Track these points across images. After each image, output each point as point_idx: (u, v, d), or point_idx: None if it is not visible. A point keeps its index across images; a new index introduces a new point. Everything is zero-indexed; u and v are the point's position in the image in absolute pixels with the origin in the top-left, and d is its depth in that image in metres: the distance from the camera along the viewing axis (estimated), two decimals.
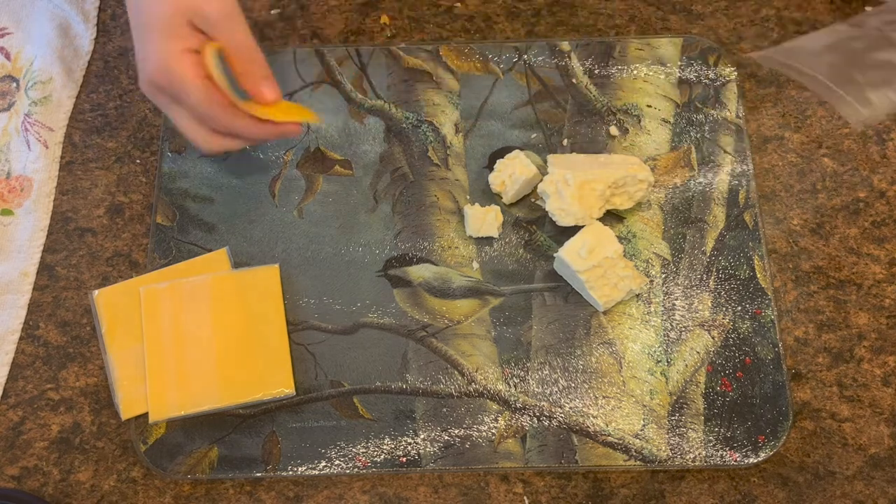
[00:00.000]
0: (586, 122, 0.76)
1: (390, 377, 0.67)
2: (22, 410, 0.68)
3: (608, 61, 0.78)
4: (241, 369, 0.66)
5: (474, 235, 0.71)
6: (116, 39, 0.81)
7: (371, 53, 0.78)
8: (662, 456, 0.64)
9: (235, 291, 0.69)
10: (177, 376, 0.66)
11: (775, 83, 0.77)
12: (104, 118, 0.78)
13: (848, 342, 0.68)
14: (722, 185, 0.73)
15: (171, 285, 0.69)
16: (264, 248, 0.72)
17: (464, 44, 0.79)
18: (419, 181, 0.74)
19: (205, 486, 0.65)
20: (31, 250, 0.73)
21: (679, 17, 0.80)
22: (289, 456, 0.65)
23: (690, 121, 0.75)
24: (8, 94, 0.79)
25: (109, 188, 0.75)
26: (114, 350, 0.68)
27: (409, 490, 0.65)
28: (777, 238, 0.72)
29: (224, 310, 0.68)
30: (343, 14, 0.81)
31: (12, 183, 0.75)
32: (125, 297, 0.69)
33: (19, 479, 0.66)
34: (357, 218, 0.73)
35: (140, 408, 0.66)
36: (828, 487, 0.64)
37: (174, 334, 0.67)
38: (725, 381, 0.67)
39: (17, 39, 0.81)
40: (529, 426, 0.65)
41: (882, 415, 0.66)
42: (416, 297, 0.70)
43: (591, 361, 0.67)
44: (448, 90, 0.77)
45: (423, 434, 0.65)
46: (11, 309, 0.71)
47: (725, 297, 0.69)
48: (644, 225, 0.72)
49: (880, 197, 0.73)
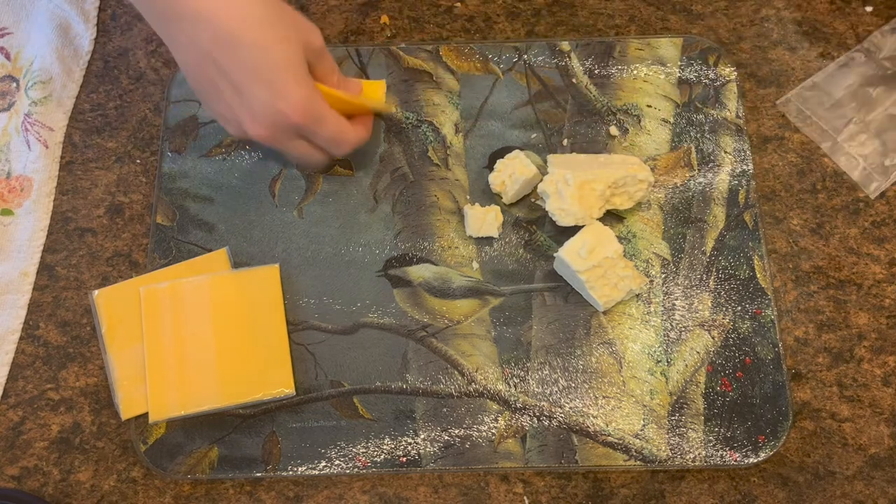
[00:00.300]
0: (586, 122, 0.76)
1: (390, 377, 0.67)
2: (22, 410, 0.68)
3: (608, 61, 0.78)
4: (241, 369, 0.66)
5: (474, 235, 0.71)
6: (116, 39, 0.81)
7: (371, 53, 0.78)
8: (662, 456, 0.64)
9: (235, 291, 0.69)
10: (177, 376, 0.66)
11: (775, 83, 0.77)
12: (104, 118, 0.78)
13: (848, 342, 0.68)
14: (722, 185, 0.73)
15: (171, 285, 0.69)
16: (264, 248, 0.72)
17: (464, 44, 0.79)
18: (419, 181, 0.74)
19: (205, 486, 0.65)
20: (31, 250, 0.73)
21: (679, 17, 0.80)
22: (289, 456, 0.65)
23: (690, 121, 0.75)
24: (8, 94, 0.79)
25: (109, 188, 0.75)
26: (114, 350, 0.68)
27: (409, 490, 0.65)
28: (777, 238, 0.72)
29: (224, 310, 0.68)
30: (343, 14, 0.81)
31: (12, 183, 0.75)
32: (125, 297, 0.69)
33: (19, 479, 0.66)
34: (357, 218, 0.73)
35: (140, 408, 0.66)
36: (828, 487, 0.64)
37: (174, 334, 0.67)
38: (725, 381, 0.67)
39: (17, 39, 0.81)
40: (529, 426, 0.65)
41: (882, 415, 0.66)
42: (416, 297, 0.70)
43: (591, 361, 0.67)
44: (448, 90, 0.77)
45: (423, 434, 0.65)
46: (11, 309, 0.71)
47: (725, 297, 0.69)
48: (644, 225, 0.72)
49: (880, 197, 0.73)
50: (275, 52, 0.61)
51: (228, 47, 0.60)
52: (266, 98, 0.61)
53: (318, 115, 0.64)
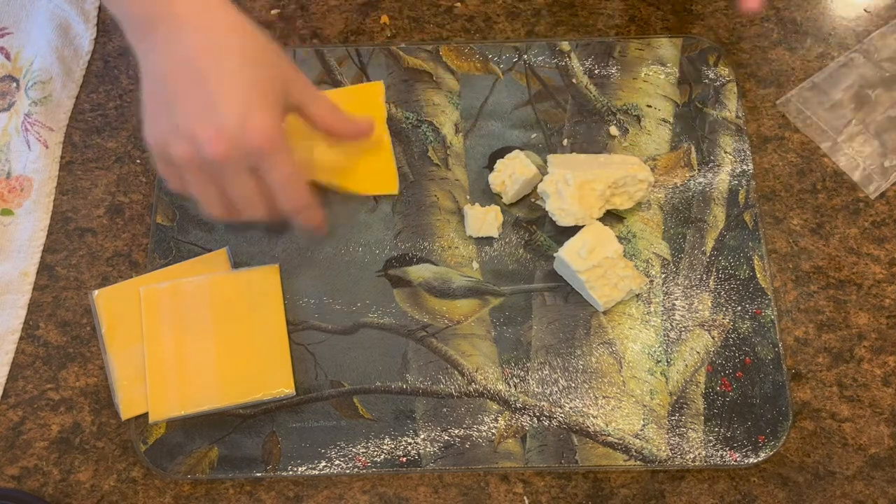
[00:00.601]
0: (586, 122, 0.76)
1: (390, 377, 0.67)
2: (22, 410, 0.68)
3: (608, 61, 0.78)
4: (241, 369, 0.66)
5: (474, 235, 0.71)
6: (116, 39, 0.81)
7: (371, 53, 0.78)
8: (662, 456, 0.64)
9: (236, 291, 0.69)
10: (176, 376, 0.66)
11: (775, 83, 0.77)
12: (104, 118, 0.78)
13: (848, 342, 0.68)
14: (722, 185, 0.73)
15: (171, 285, 0.69)
16: (264, 248, 0.72)
17: (464, 44, 0.79)
18: (419, 181, 0.74)
19: (205, 486, 0.65)
20: (31, 250, 0.73)
21: (679, 17, 0.80)
22: (289, 456, 0.65)
23: (690, 121, 0.75)
24: (8, 94, 0.79)
25: (109, 188, 0.75)
26: (114, 350, 0.68)
27: (409, 490, 0.65)
28: (777, 238, 0.72)
29: (224, 309, 0.68)
30: (343, 14, 0.81)
31: (12, 183, 0.75)
32: (125, 297, 0.69)
33: (19, 479, 0.66)
34: (357, 218, 0.73)
35: (140, 408, 0.66)
36: (828, 487, 0.64)
37: (174, 334, 0.67)
38: (725, 381, 0.67)
39: (17, 39, 0.81)
40: (529, 426, 0.65)
41: (882, 415, 0.66)
42: (416, 297, 0.70)
43: (591, 361, 0.67)
44: (448, 90, 0.77)
45: (423, 434, 0.65)
46: (11, 309, 0.71)
47: (725, 297, 0.69)
48: (644, 225, 0.72)
49: (880, 197, 0.73)
50: (249, 73, 0.58)
51: (215, 54, 0.58)
52: (240, 112, 0.57)
53: (282, 147, 0.59)
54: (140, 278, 0.70)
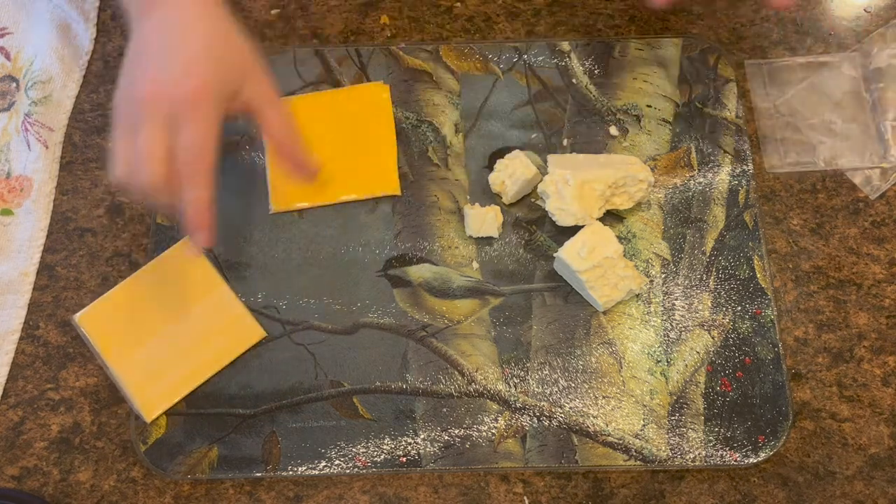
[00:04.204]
0: (586, 122, 0.76)
1: (390, 377, 0.67)
2: (22, 410, 0.68)
3: (608, 61, 0.78)
4: (355, 169, 0.73)
5: (474, 235, 0.71)
6: (116, 39, 0.81)
7: (371, 53, 0.78)
8: (662, 456, 0.64)
9: (348, 104, 0.75)
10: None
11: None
12: (104, 118, 0.78)
13: (848, 342, 0.68)
14: (722, 185, 0.73)
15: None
16: (264, 248, 0.72)
17: (464, 44, 0.79)
18: (419, 181, 0.74)
19: (205, 486, 0.65)
20: (31, 250, 0.73)
21: (679, 17, 0.80)
22: (289, 456, 0.65)
23: (690, 121, 0.75)
24: (8, 94, 0.79)
25: (109, 188, 0.75)
26: (113, 360, 0.67)
27: (409, 490, 0.65)
28: (777, 238, 0.72)
29: (338, 121, 0.75)
30: (343, 14, 0.81)
31: (12, 183, 0.75)
32: (106, 311, 0.69)
33: (19, 479, 0.66)
34: (357, 218, 0.73)
35: (161, 404, 0.66)
36: (828, 487, 0.64)
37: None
38: (725, 381, 0.67)
39: (17, 39, 0.81)
40: (529, 426, 0.65)
41: (882, 415, 0.66)
42: (416, 297, 0.70)
43: (591, 361, 0.67)
44: (448, 90, 0.77)
45: (423, 434, 0.65)
46: (11, 309, 0.71)
47: (725, 297, 0.69)
48: (644, 225, 0.72)
49: (880, 197, 0.73)
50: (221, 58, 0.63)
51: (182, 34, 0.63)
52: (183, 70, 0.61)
53: (206, 112, 0.61)
54: (113, 291, 0.69)
